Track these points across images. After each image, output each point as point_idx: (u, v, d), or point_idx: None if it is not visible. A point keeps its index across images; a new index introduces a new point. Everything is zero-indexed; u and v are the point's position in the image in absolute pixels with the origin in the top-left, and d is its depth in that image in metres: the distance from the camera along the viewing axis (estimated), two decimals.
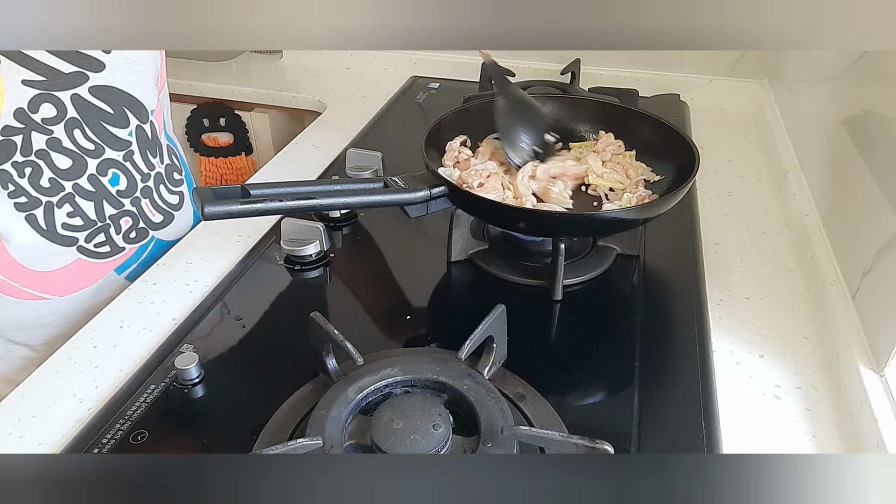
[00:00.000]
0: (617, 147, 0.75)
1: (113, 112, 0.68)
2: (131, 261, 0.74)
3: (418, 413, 0.45)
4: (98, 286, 0.72)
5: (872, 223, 0.58)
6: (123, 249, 0.73)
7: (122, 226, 0.72)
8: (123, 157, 0.70)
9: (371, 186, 0.62)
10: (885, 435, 0.48)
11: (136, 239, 0.74)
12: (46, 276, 0.68)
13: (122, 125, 0.69)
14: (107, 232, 0.71)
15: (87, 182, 0.67)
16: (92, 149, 0.67)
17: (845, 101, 0.73)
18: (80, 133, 0.66)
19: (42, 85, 0.62)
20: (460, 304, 0.67)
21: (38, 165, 0.63)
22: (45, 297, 0.69)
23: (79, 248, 0.69)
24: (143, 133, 0.72)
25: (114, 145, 0.69)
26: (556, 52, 1.16)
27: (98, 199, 0.69)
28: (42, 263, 0.67)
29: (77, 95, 0.65)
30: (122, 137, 0.70)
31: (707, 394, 0.54)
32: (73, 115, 0.65)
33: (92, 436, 0.50)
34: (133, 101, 0.70)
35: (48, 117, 0.63)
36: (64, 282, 0.69)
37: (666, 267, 0.70)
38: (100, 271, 0.72)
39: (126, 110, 0.70)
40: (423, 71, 1.24)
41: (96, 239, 0.70)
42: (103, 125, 0.68)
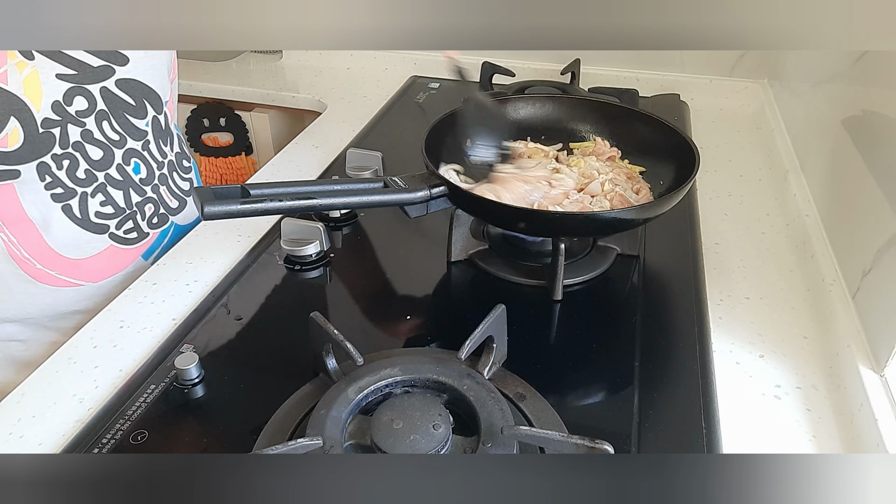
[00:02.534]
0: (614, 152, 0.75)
1: (134, 104, 0.71)
2: (155, 245, 0.78)
3: (418, 413, 0.45)
4: (128, 272, 0.75)
5: (872, 223, 0.58)
6: (148, 235, 0.76)
7: (147, 212, 0.75)
8: (142, 146, 0.73)
9: (371, 186, 0.62)
10: (885, 435, 0.48)
11: (158, 224, 0.77)
12: (81, 263, 0.70)
13: (140, 116, 0.72)
14: (134, 219, 0.74)
15: (115, 172, 0.71)
16: (118, 139, 0.70)
17: (845, 101, 0.73)
18: (108, 125, 0.69)
19: (74, 78, 0.64)
20: (460, 304, 0.67)
21: (74, 157, 0.66)
22: (79, 284, 0.71)
23: (110, 235, 0.72)
24: (157, 123, 0.75)
25: (134, 135, 0.72)
26: (556, 52, 1.16)
27: (125, 188, 0.72)
28: (77, 251, 0.70)
29: (105, 88, 0.68)
30: (141, 128, 0.73)
31: (707, 394, 0.54)
32: (102, 108, 0.68)
33: (92, 436, 0.50)
34: (151, 93, 0.73)
35: (81, 109, 0.66)
36: (98, 268, 0.72)
37: (666, 267, 0.70)
38: (129, 257, 0.75)
39: (146, 101, 0.73)
40: (423, 71, 1.24)
41: (125, 226, 0.73)
42: (126, 116, 0.71)
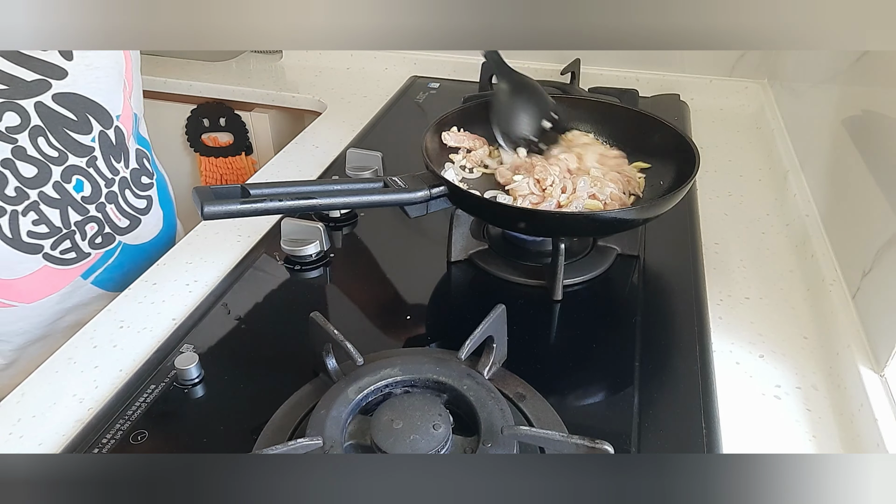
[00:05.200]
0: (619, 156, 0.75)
1: (76, 119, 0.67)
2: (97, 265, 0.74)
3: (418, 413, 0.45)
4: (65, 292, 0.72)
5: (872, 223, 0.58)
6: (89, 255, 0.73)
7: (88, 232, 0.71)
8: (87, 163, 0.69)
9: (371, 186, 0.62)
10: (885, 435, 0.48)
11: (102, 244, 0.74)
12: (13, 283, 0.68)
13: (84, 131, 0.69)
14: (72, 238, 0.70)
15: (51, 189, 0.67)
16: (56, 156, 0.66)
17: (845, 101, 0.73)
18: (44, 141, 0.65)
19: (4, 94, 0.61)
20: (460, 304, 0.67)
21: (3, 175, 0.63)
22: (12, 305, 0.69)
23: (44, 255, 0.68)
24: (106, 139, 0.71)
25: (77, 151, 0.68)
26: (556, 52, 1.16)
27: (63, 206, 0.68)
28: (7, 271, 0.67)
29: (40, 103, 0.64)
30: (85, 143, 0.69)
31: (707, 394, 0.54)
32: (37, 123, 0.64)
33: (92, 436, 0.50)
34: (96, 108, 0.69)
35: (12, 126, 0.63)
36: (31, 289, 0.69)
37: (666, 267, 0.70)
38: (66, 277, 0.71)
39: (89, 116, 0.69)
40: (423, 71, 1.24)
41: (62, 246, 0.69)
42: (66, 132, 0.67)
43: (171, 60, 1.31)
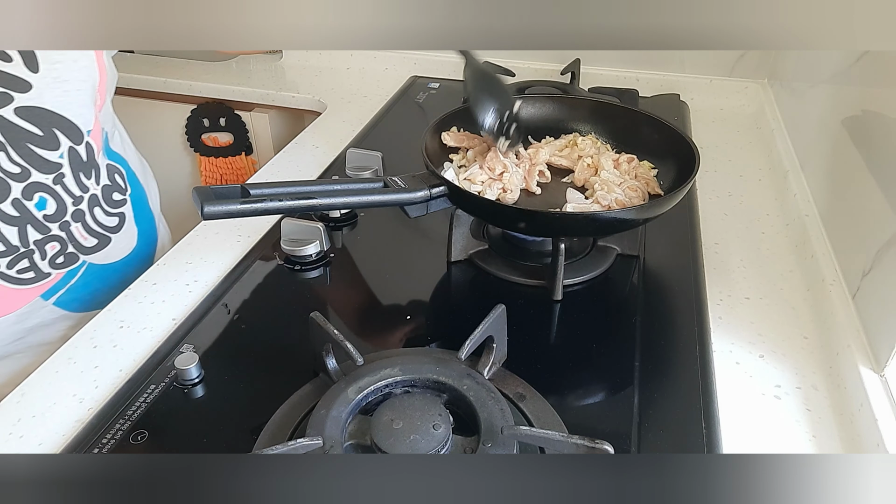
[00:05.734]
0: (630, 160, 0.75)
1: (42, 134, 0.64)
2: (59, 286, 0.71)
3: (418, 413, 0.45)
4: (23, 312, 0.68)
5: (872, 223, 0.58)
6: (49, 275, 0.69)
7: (48, 251, 0.68)
8: (53, 180, 0.66)
9: (371, 186, 0.62)
10: (885, 435, 0.48)
11: (65, 264, 0.70)
12: None
13: (51, 147, 0.66)
14: (31, 257, 0.67)
15: (10, 207, 0.64)
16: (17, 172, 0.63)
17: (845, 101, 0.73)
18: (5, 156, 0.62)
19: None
20: (460, 304, 0.67)
21: None
22: None
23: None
24: (76, 155, 0.68)
25: (42, 168, 0.65)
26: (556, 52, 1.16)
27: (22, 224, 0.65)
28: None
29: (1, 117, 0.61)
30: (52, 160, 0.66)
31: (707, 394, 0.54)
32: None
33: (92, 436, 0.50)
34: (65, 122, 0.66)
35: None
36: None
37: (666, 267, 0.70)
38: (24, 297, 0.68)
39: (56, 132, 0.66)
40: (423, 71, 1.24)
41: (19, 265, 0.66)
42: (30, 147, 0.64)
43: (171, 60, 1.31)
